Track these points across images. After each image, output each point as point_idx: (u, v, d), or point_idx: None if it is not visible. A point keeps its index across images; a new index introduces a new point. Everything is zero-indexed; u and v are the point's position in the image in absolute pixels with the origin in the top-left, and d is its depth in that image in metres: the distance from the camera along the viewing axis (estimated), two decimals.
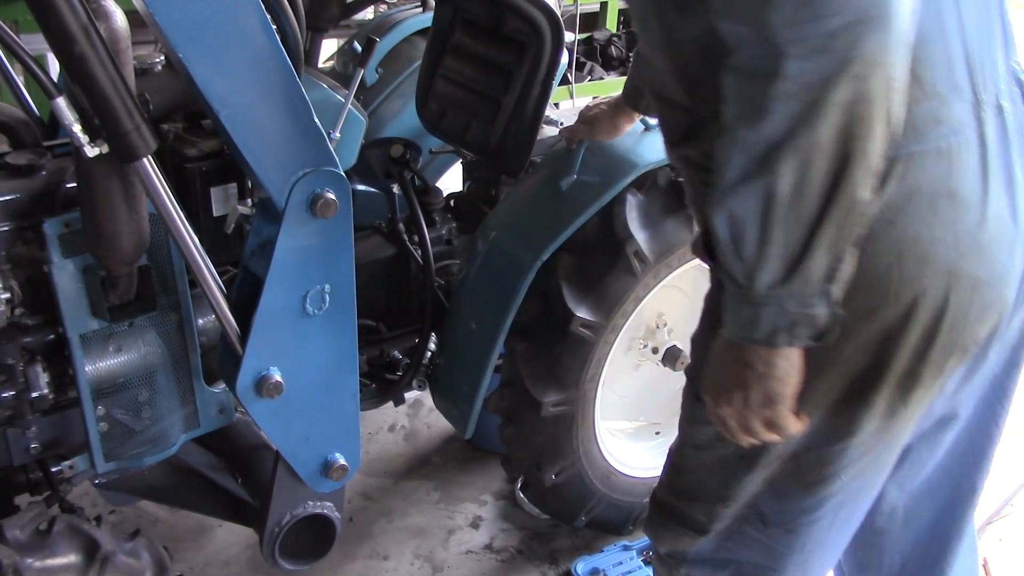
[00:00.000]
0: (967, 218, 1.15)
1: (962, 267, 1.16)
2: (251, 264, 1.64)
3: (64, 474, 1.81)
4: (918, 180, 1.13)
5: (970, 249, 1.16)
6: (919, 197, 1.13)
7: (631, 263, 2.11)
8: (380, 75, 2.73)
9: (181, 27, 1.33)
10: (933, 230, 1.14)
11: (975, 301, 1.18)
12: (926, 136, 1.12)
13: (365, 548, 2.59)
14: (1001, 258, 1.19)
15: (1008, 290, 1.22)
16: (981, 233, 1.16)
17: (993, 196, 1.17)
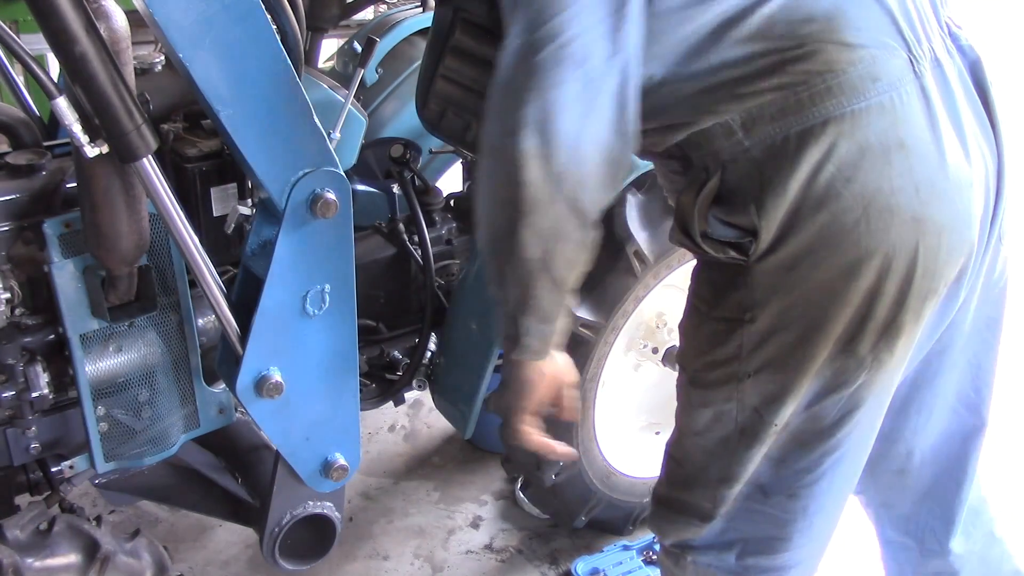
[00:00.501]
0: (923, 166, 1.22)
1: (926, 214, 1.23)
2: (251, 264, 1.64)
3: (64, 474, 1.81)
4: (866, 135, 1.20)
5: (931, 196, 1.23)
6: (871, 151, 1.20)
7: (631, 263, 2.11)
8: (380, 75, 2.73)
9: (181, 27, 1.33)
10: (892, 181, 1.21)
11: (943, 245, 1.25)
12: (865, 93, 1.20)
13: (365, 548, 2.59)
14: (961, 201, 1.26)
15: (971, 231, 1.29)
16: (939, 179, 1.23)
17: (947, 144, 1.24)
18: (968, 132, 1.27)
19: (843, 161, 1.20)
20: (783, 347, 1.31)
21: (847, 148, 1.20)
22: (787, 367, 1.32)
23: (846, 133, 1.20)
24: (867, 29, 1.21)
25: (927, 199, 1.22)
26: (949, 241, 1.26)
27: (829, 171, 1.20)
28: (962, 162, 1.25)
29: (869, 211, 1.21)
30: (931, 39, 1.27)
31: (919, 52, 1.24)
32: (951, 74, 1.28)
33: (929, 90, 1.24)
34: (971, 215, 1.28)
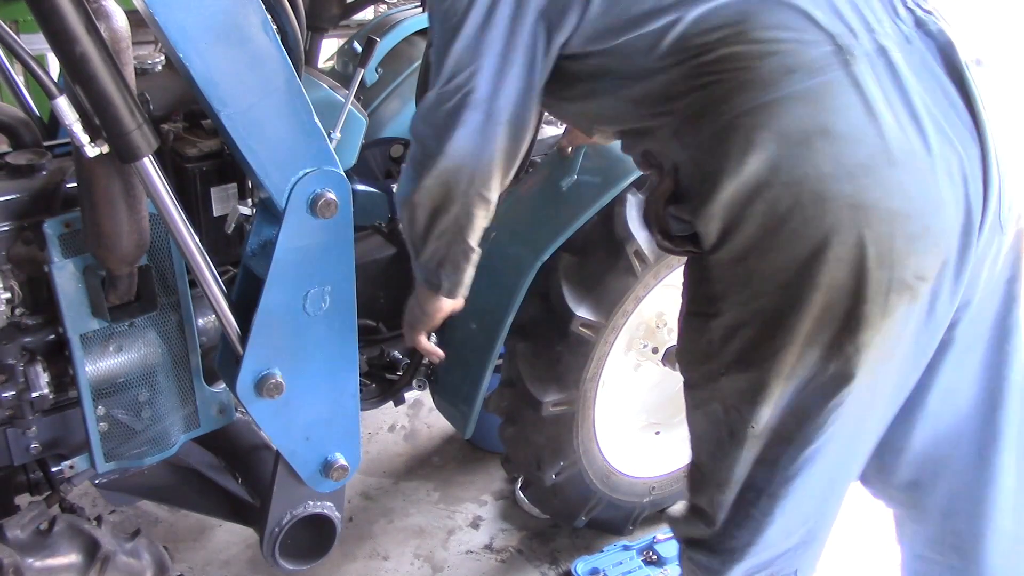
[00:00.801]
0: (856, 153, 1.22)
1: (867, 200, 1.22)
2: (251, 264, 1.64)
3: (64, 474, 1.81)
4: (783, 124, 1.23)
5: (871, 182, 1.22)
6: (789, 139, 1.23)
7: (631, 263, 2.11)
8: (380, 75, 2.73)
9: (181, 27, 1.33)
10: (818, 167, 1.22)
11: (897, 234, 1.23)
12: (778, 85, 1.24)
13: (365, 548, 2.59)
14: (917, 189, 1.24)
15: (940, 220, 1.25)
16: (880, 166, 1.22)
17: (889, 130, 1.23)
18: (925, 117, 1.25)
19: (764, 152, 1.23)
20: (748, 341, 1.34)
21: (765, 138, 1.23)
22: (755, 362, 1.34)
23: (762, 124, 1.24)
24: (778, 27, 1.25)
25: (865, 185, 1.22)
26: (906, 230, 1.23)
27: (753, 163, 1.24)
28: (916, 148, 1.23)
29: (801, 198, 1.23)
30: (874, 29, 1.27)
31: (848, 43, 1.25)
32: (902, 60, 1.27)
33: (862, 77, 1.24)
34: (937, 202, 1.25)
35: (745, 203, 1.26)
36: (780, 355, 1.31)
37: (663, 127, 1.36)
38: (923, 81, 1.27)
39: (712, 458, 1.48)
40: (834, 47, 1.24)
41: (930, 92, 1.27)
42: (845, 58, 1.24)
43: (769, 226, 1.26)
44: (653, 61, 1.32)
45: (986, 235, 1.32)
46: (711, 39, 1.27)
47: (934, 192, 1.25)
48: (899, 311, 1.28)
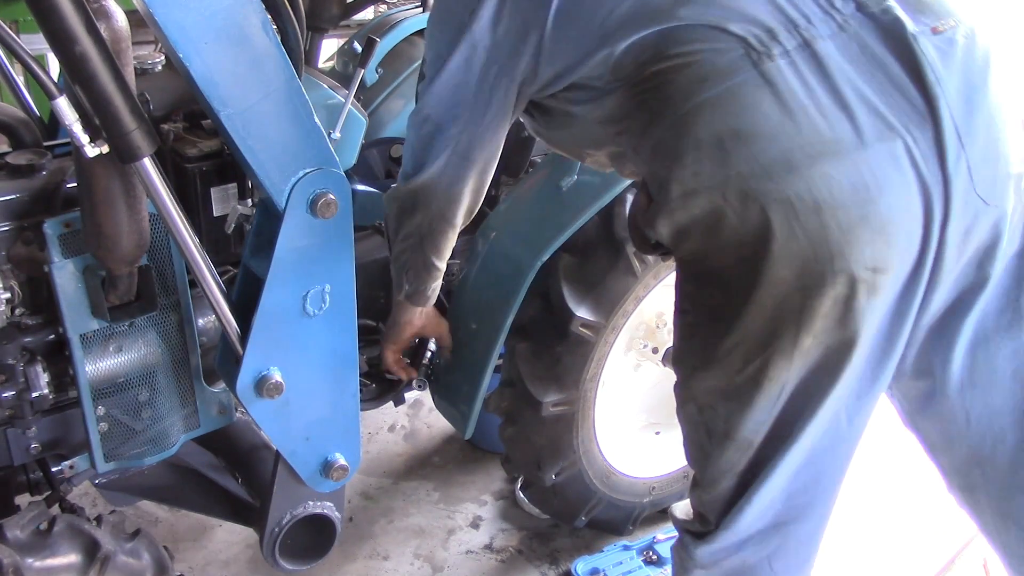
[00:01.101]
0: (770, 150, 1.23)
1: (789, 194, 1.22)
2: (251, 264, 1.64)
3: (64, 474, 1.81)
4: (698, 131, 1.28)
5: (794, 177, 1.22)
6: (705, 144, 1.27)
7: (631, 263, 2.11)
8: (380, 75, 2.73)
9: (181, 27, 1.33)
10: (736, 168, 1.25)
11: (831, 224, 1.22)
12: (693, 95, 1.28)
13: (365, 548, 2.59)
14: (846, 179, 1.22)
15: (881, 207, 1.23)
16: (800, 160, 1.22)
17: (809, 123, 1.23)
18: (857, 105, 1.24)
19: (687, 160, 1.28)
20: (707, 339, 1.37)
21: (686, 147, 1.28)
22: (715, 360, 1.36)
23: (682, 134, 1.29)
24: (690, 42, 1.30)
25: (787, 180, 1.22)
26: (840, 220, 1.22)
27: (681, 172, 1.29)
28: (843, 137, 1.22)
29: (728, 198, 1.26)
30: (798, 25, 1.27)
31: (763, 43, 1.26)
32: (832, 50, 1.26)
33: (776, 74, 1.24)
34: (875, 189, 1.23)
35: (684, 210, 1.31)
36: (740, 352, 1.33)
37: (625, 145, 1.43)
38: (859, 69, 1.26)
39: (695, 459, 1.51)
40: (745, 50, 1.26)
41: (867, 79, 1.25)
42: (756, 59, 1.25)
43: (708, 229, 1.30)
44: (605, 86, 1.40)
45: (959, 215, 1.27)
46: (640, 61, 1.34)
47: (868, 179, 1.23)
48: (856, 304, 1.27)
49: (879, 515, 2.71)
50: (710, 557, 1.51)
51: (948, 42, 1.29)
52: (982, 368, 1.43)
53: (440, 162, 1.66)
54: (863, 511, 2.70)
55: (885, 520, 2.69)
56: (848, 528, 2.63)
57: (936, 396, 1.46)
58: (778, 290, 1.27)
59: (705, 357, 1.38)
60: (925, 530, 2.58)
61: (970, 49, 1.30)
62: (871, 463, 2.82)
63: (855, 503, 2.70)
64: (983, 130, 1.28)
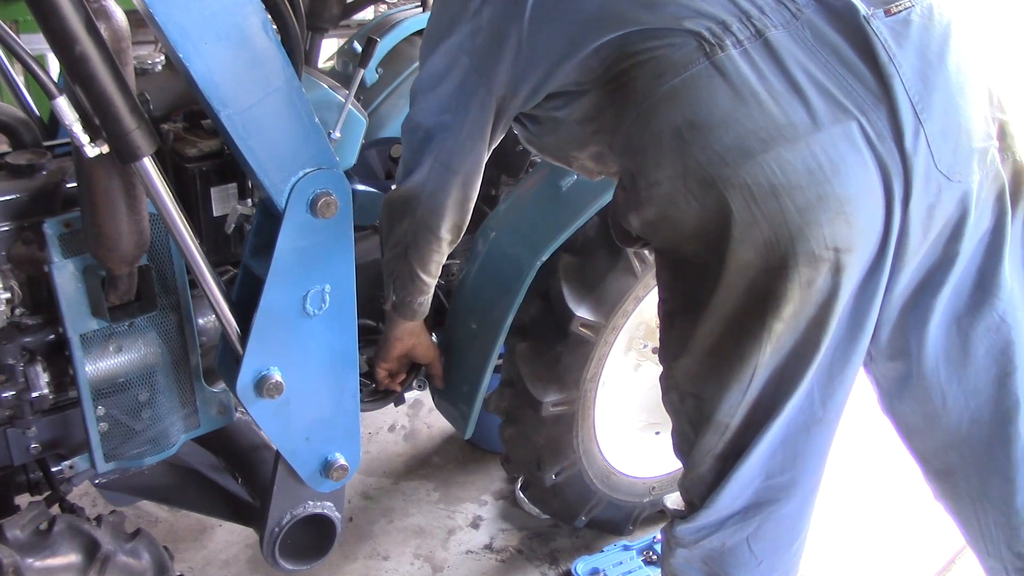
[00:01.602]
0: (725, 137, 1.27)
1: (747, 180, 1.25)
2: (251, 264, 1.64)
3: (64, 474, 1.81)
4: (655, 125, 1.32)
5: (749, 162, 1.25)
6: (664, 136, 1.31)
7: (631, 263, 2.11)
8: (380, 75, 2.73)
9: (181, 27, 1.33)
10: (694, 157, 1.28)
11: (788, 207, 1.25)
12: (651, 90, 1.32)
13: (365, 548, 2.59)
14: (800, 161, 1.25)
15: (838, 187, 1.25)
16: (754, 145, 1.25)
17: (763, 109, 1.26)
18: (809, 90, 1.26)
19: (649, 153, 1.33)
20: (685, 327, 1.40)
21: (646, 141, 1.33)
22: (691, 347, 1.40)
23: (642, 128, 1.34)
24: (648, 39, 1.34)
25: (743, 166, 1.25)
26: (798, 201, 1.25)
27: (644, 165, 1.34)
28: (797, 121, 1.25)
29: (688, 186, 1.30)
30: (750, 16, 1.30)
31: (716, 36, 1.29)
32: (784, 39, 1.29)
33: (729, 64, 1.28)
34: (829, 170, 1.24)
35: (652, 201, 1.35)
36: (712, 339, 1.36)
37: (602, 143, 1.48)
38: (812, 54, 1.29)
39: (680, 448, 1.55)
40: (698, 43, 1.30)
41: (820, 64, 1.28)
42: (708, 50, 1.29)
43: (675, 218, 1.33)
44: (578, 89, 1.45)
45: (920, 191, 1.29)
46: (606, 62, 1.39)
47: (823, 161, 1.25)
48: (820, 283, 1.29)
49: (879, 515, 2.71)
50: (692, 535, 1.53)
51: (902, 22, 1.31)
52: (956, 346, 1.45)
53: (424, 169, 1.72)
54: (863, 511, 2.70)
55: (885, 520, 2.69)
56: (848, 528, 2.63)
57: (912, 377, 1.48)
58: (745, 274, 1.30)
59: (683, 344, 1.42)
60: (925, 530, 2.57)
61: (926, 27, 1.32)
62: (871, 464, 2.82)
63: (855, 503, 2.70)
64: (941, 106, 1.30)
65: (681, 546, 1.55)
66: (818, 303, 1.31)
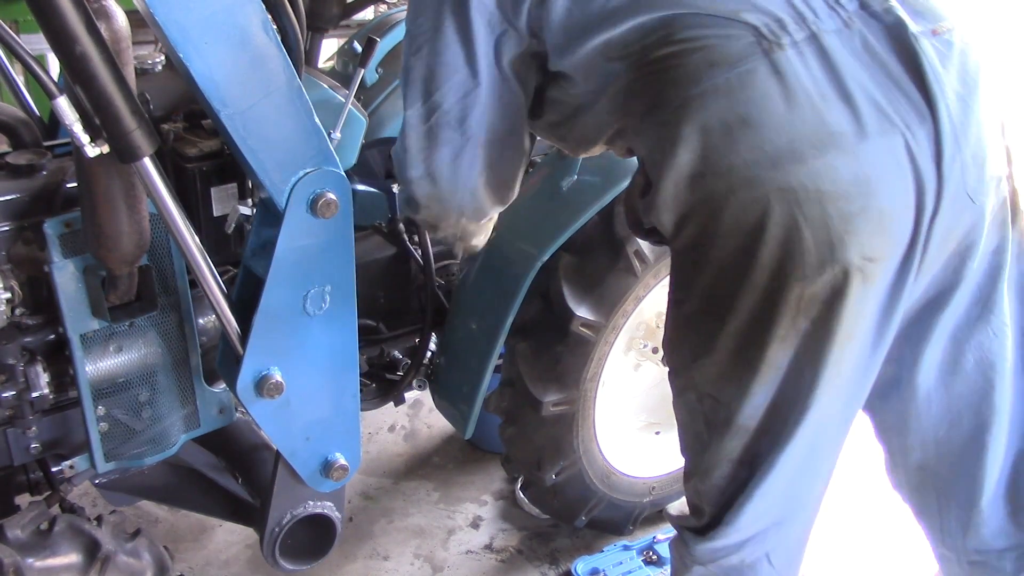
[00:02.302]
0: (777, 139, 1.25)
1: (794, 184, 1.24)
2: (251, 264, 1.64)
3: (64, 474, 1.81)
4: (705, 116, 1.28)
5: (798, 167, 1.24)
6: (712, 130, 1.28)
7: (631, 263, 2.11)
8: (380, 75, 2.73)
9: (181, 27, 1.33)
10: (742, 156, 1.26)
11: (832, 214, 1.25)
12: (701, 79, 1.28)
13: (365, 548, 2.59)
14: (849, 170, 1.25)
15: (881, 199, 1.26)
16: (804, 150, 1.24)
17: (816, 115, 1.25)
18: (861, 100, 1.26)
19: (691, 144, 1.29)
20: (708, 327, 1.38)
21: (690, 132, 1.29)
22: (716, 348, 1.37)
23: (687, 118, 1.29)
24: (701, 26, 1.30)
25: (792, 170, 1.24)
26: (842, 210, 1.25)
27: (684, 156, 1.29)
28: (847, 131, 1.25)
29: (732, 186, 1.27)
30: (805, 18, 1.29)
31: (774, 33, 1.27)
32: (837, 45, 1.28)
33: (786, 64, 1.26)
34: (876, 182, 1.26)
35: (686, 194, 1.32)
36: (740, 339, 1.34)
37: (628, 127, 1.43)
38: (863, 64, 1.28)
39: (691, 449, 1.52)
40: (756, 38, 1.27)
41: (870, 75, 1.28)
42: (768, 47, 1.27)
43: (710, 214, 1.31)
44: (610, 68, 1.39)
45: (947, 211, 1.31)
46: (647, 43, 1.33)
47: (869, 172, 1.25)
48: (852, 292, 1.29)
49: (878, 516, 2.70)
50: (710, 555, 1.52)
51: (946, 44, 1.31)
52: (949, 356, 1.49)
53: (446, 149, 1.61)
54: (862, 512, 2.70)
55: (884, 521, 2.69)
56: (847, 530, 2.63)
57: (902, 383, 1.51)
58: (776, 277, 1.29)
59: (705, 345, 1.39)
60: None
61: (965, 51, 1.33)
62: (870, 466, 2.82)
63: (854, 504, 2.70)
64: (975, 130, 1.32)
65: (699, 564, 1.53)
66: (847, 310, 1.31)
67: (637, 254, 2.11)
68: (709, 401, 1.44)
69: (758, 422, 1.40)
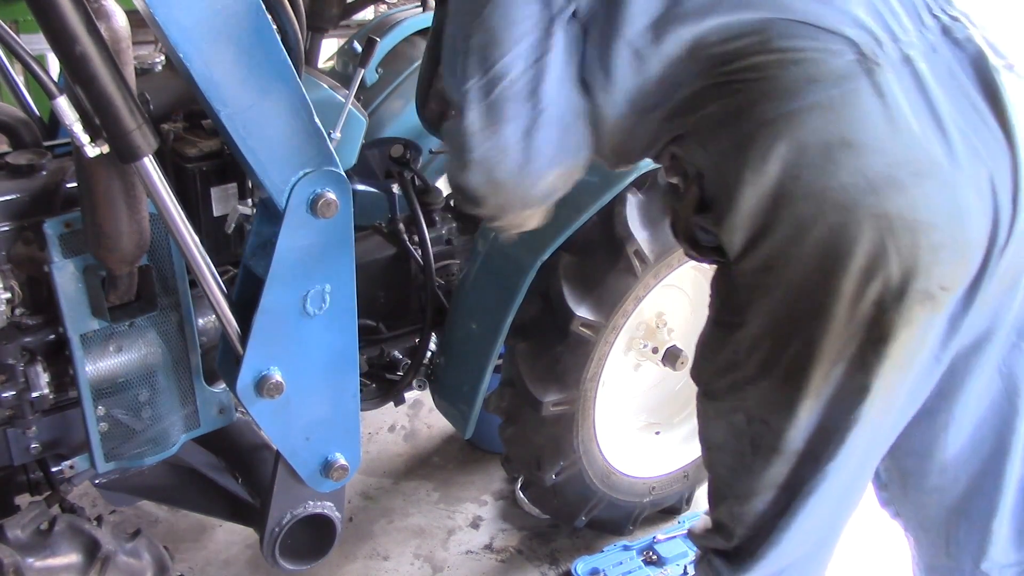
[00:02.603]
0: (877, 163, 1.20)
1: (890, 211, 1.20)
2: (251, 264, 1.64)
3: (64, 474, 1.81)
4: (804, 135, 1.21)
5: (895, 193, 1.20)
6: (809, 149, 1.21)
7: (631, 263, 2.11)
8: (380, 75, 2.73)
9: (181, 27, 1.33)
10: (840, 179, 1.20)
11: (921, 244, 1.21)
12: (799, 94, 1.21)
13: (365, 548, 2.59)
14: (942, 200, 1.22)
15: (965, 231, 1.24)
16: (903, 176, 1.20)
17: (914, 140, 1.21)
18: (952, 128, 1.23)
19: (784, 162, 1.22)
20: (773, 351, 1.32)
21: (787, 149, 1.22)
22: (779, 372, 1.32)
23: (781, 134, 1.22)
24: (801, 37, 1.23)
25: (888, 195, 1.20)
26: (933, 240, 1.22)
27: (773, 173, 1.22)
28: (941, 159, 1.22)
29: (824, 208, 1.21)
30: (899, 38, 1.25)
31: (873, 51, 1.23)
32: (927, 69, 1.25)
33: (887, 85, 1.22)
34: (963, 213, 1.23)
35: (768, 213, 1.25)
36: (806, 366, 1.29)
37: (693, 135, 1.34)
38: (949, 91, 1.25)
39: (732, 471, 1.47)
40: (858, 56, 1.22)
41: (956, 103, 1.25)
42: (869, 66, 1.22)
43: (793, 236, 1.24)
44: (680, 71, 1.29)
45: (1015, 245, 1.29)
46: (733, 47, 1.25)
47: (960, 203, 1.23)
48: (920, 321, 1.26)
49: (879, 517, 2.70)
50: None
51: (1018, 79, 1.30)
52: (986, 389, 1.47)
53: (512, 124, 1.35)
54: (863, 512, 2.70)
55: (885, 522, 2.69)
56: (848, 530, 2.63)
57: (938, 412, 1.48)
58: (854, 303, 1.24)
59: (763, 368, 1.34)
60: None
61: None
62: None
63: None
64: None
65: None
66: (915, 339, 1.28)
67: (637, 254, 2.11)
68: (759, 425, 1.38)
69: (805, 447, 1.37)
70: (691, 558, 2.46)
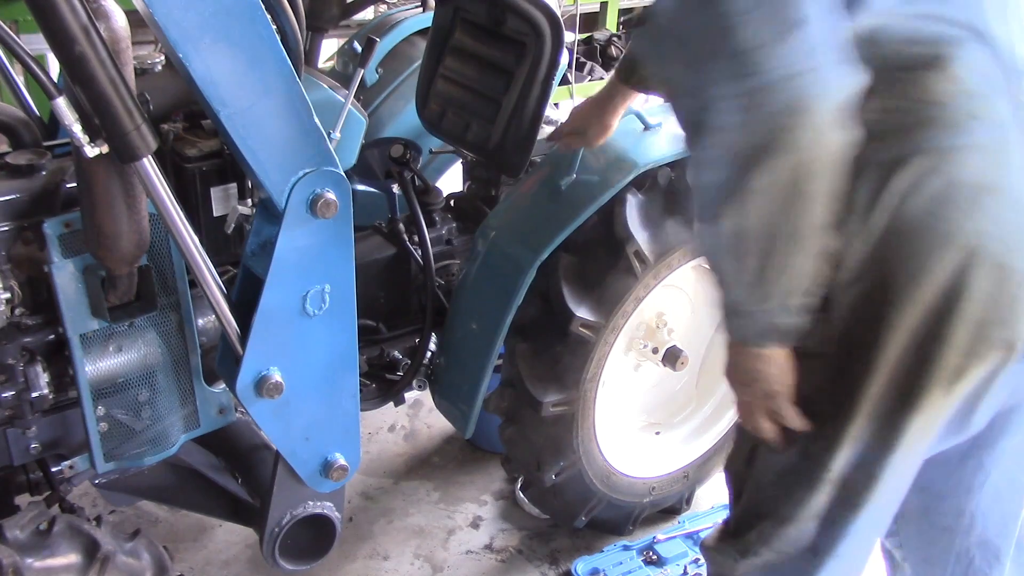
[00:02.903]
0: (1013, 214, 1.18)
1: (1011, 262, 1.18)
2: (251, 264, 1.64)
3: (64, 474, 1.81)
4: (959, 173, 1.17)
5: (1018, 245, 1.18)
6: (961, 190, 1.17)
7: (631, 263, 2.11)
8: (380, 75, 2.73)
9: (181, 27, 1.33)
10: (977, 224, 1.17)
11: (1021, 296, 1.20)
12: (962, 131, 1.16)
13: (365, 548, 2.59)
14: None
15: None
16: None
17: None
18: None
19: (931, 196, 1.17)
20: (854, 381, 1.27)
21: (937, 184, 1.17)
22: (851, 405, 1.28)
23: (938, 168, 1.17)
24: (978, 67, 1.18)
25: (1013, 247, 1.18)
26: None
27: (916, 204, 1.17)
28: None
29: (948, 249, 1.17)
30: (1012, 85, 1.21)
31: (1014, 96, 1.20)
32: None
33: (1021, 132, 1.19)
34: None
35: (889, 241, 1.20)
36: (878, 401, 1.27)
37: None
38: None
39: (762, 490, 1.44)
40: (1015, 104, 1.20)
41: None
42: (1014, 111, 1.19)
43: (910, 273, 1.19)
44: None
45: None
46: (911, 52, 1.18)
47: None
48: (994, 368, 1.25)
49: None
50: None
51: None
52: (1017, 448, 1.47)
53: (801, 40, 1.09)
54: None
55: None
56: None
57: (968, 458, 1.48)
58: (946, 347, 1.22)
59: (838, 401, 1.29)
60: None
61: None
62: None
63: None
64: None
65: None
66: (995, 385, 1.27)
67: (637, 254, 2.11)
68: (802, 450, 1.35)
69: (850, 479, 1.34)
70: (691, 558, 2.46)
